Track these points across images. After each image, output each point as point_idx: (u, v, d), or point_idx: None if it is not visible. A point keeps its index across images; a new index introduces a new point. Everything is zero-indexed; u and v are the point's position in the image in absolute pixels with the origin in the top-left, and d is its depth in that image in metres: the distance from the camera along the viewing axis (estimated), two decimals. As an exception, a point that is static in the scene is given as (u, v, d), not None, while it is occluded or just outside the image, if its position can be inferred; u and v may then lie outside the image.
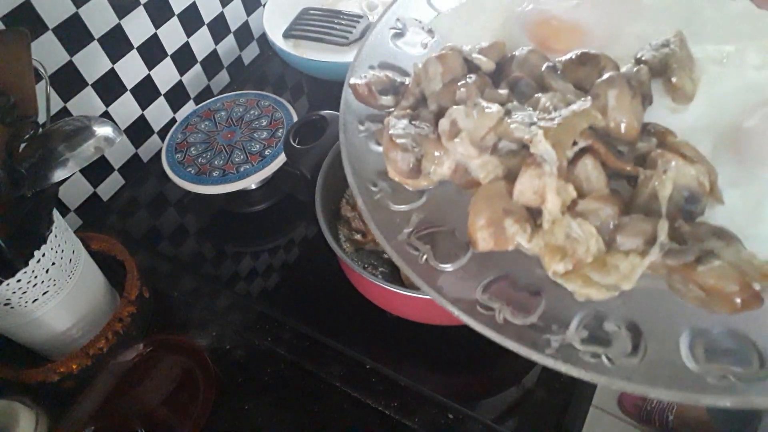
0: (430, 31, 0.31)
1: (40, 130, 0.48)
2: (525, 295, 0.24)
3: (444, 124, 0.25)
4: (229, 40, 0.88)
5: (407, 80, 0.29)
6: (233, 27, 0.87)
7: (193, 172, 0.69)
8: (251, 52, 0.93)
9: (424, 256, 0.25)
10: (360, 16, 0.85)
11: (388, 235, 0.26)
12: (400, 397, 0.54)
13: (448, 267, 0.24)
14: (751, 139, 0.22)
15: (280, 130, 0.72)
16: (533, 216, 0.23)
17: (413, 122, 0.26)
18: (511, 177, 0.23)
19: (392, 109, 0.28)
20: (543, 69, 0.25)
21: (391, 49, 0.31)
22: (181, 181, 0.69)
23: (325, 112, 0.63)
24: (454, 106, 0.24)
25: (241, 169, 0.68)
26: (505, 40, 0.29)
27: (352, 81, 0.29)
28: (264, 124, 0.73)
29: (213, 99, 0.78)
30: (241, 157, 0.70)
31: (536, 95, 0.25)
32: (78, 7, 0.63)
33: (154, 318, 0.61)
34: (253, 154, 0.70)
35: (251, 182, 0.68)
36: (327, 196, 0.58)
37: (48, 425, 0.49)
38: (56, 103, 0.64)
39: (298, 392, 0.56)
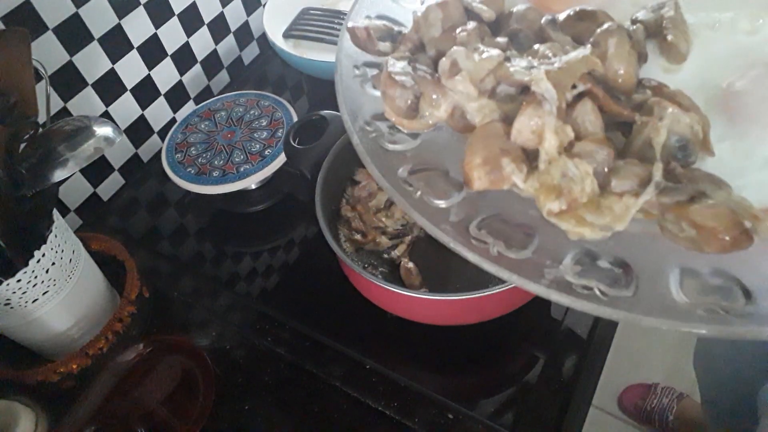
0: None
1: (40, 130, 0.48)
2: (519, 233, 0.24)
3: (444, 63, 0.25)
4: (229, 40, 0.88)
5: (404, 29, 0.29)
6: (233, 27, 0.87)
7: (193, 172, 0.69)
8: (251, 52, 0.93)
9: (419, 192, 0.25)
10: (360, 16, 0.85)
11: (384, 172, 0.26)
12: (400, 397, 0.54)
13: (442, 203, 0.25)
14: (740, 98, 0.24)
15: (280, 130, 0.72)
16: (529, 158, 0.23)
17: (412, 65, 0.26)
18: (508, 121, 0.24)
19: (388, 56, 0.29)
20: (542, 21, 0.26)
21: (388, 4, 0.31)
22: (181, 181, 0.69)
23: (325, 112, 0.63)
24: (455, 47, 0.25)
25: (241, 169, 0.68)
26: None
27: (351, 24, 0.29)
28: (264, 124, 0.73)
29: (213, 99, 0.78)
30: (241, 157, 0.70)
31: (535, 46, 0.25)
32: (78, 7, 0.63)
33: (154, 318, 0.61)
34: (253, 154, 0.70)
35: (251, 182, 0.68)
36: (327, 196, 0.58)
37: (48, 425, 0.49)
38: (56, 103, 0.64)
39: (298, 392, 0.56)
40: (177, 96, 0.81)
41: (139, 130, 0.77)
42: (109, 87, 0.70)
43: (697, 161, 0.23)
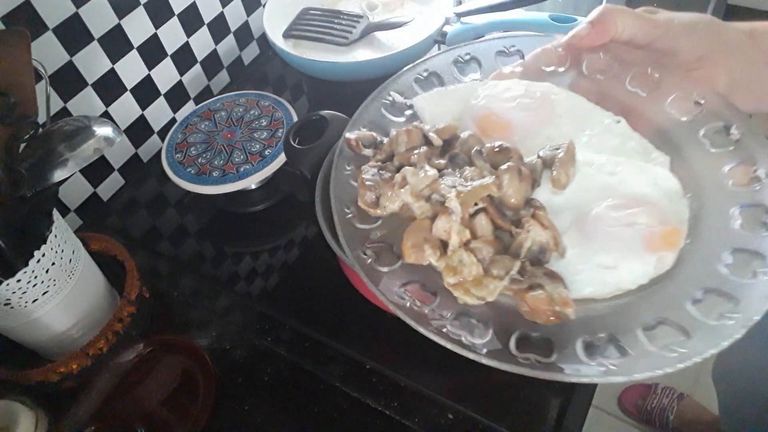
0: (411, 106, 0.43)
1: (40, 130, 0.48)
2: (428, 294, 0.35)
3: (398, 177, 0.36)
4: (229, 40, 0.88)
5: (385, 140, 0.40)
6: (233, 27, 0.87)
7: (193, 172, 0.69)
8: (251, 52, 0.93)
9: (369, 260, 0.35)
10: (360, 16, 0.85)
11: (351, 245, 0.37)
12: (400, 397, 0.54)
13: (384, 269, 0.35)
14: (592, 221, 0.34)
15: (280, 130, 0.72)
16: (443, 246, 0.34)
17: (380, 171, 0.37)
18: (435, 218, 0.35)
19: (370, 158, 0.40)
20: (472, 152, 0.37)
21: (381, 113, 0.43)
22: (181, 181, 0.69)
23: (325, 112, 0.63)
24: (407, 167, 0.36)
25: (241, 169, 0.68)
26: (458, 122, 0.40)
27: (347, 135, 0.41)
28: (264, 124, 0.73)
29: (213, 99, 0.78)
30: (241, 157, 0.70)
31: (465, 167, 0.36)
32: (78, 7, 0.63)
33: (154, 318, 0.61)
34: (253, 154, 0.70)
35: (251, 182, 0.68)
36: (327, 196, 0.57)
37: (48, 425, 0.49)
38: (56, 103, 0.64)
39: (298, 392, 0.56)
40: (177, 96, 0.81)
41: (139, 130, 0.77)
42: (109, 87, 0.70)
43: (552, 261, 0.34)
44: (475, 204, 0.33)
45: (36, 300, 0.50)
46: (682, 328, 0.29)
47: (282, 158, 0.69)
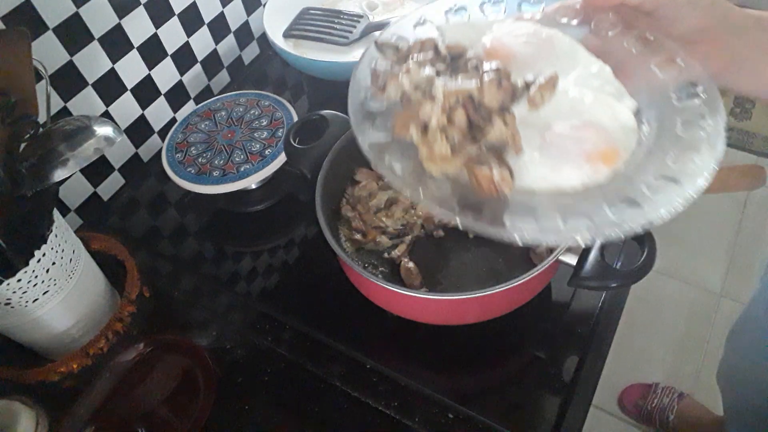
0: (438, 28, 0.49)
1: (41, 129, 0.48)
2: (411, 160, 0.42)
3: (403, 69, 0.43)
4: (229, 40, 0.88)
5: (406, 46, 0.47)
6: (233, 27, 0.87)
7: (193, 171, 0.69)
8: (251, 52, 0.93)
9: (368, 127, 0.43)
10: (360, 16, 0.85)
11: (356, 119, 0.44)
12: (400, 397, 0.54)
13: (380, 137, 0.43)
14: (551, 133, 0.41)
15: (280, 130, 0.72)
16: (425, 129, 0.41)
17: (391, 67, 0.45)
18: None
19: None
20: (469, 63, 0.44)
21: (409, 30, 0.49)
22: (181, 181, 0.69)
23: (325, 112, 0.63)
24: (411, 63, 0.43)
25: (241, 169, 0.68)
26: (470, 45, 0.47)
27: (377, 39, 0.48)
28: (264, 123, 0.73)
29: (213, 99, 0.78)
30: (242, 156, 0.70)
31: (460, 74, 0.42)
32: (78, 6, 0.63)
33: (154, 318, 0.61)
34: (254, 153, 0.70)
35: (251, 182, 0.68)
36: (327, 196, 0.58)
37: (48, 425, 0.49)
38: (56, 103, 0.64)
39: (298, 392, 0.56)
40: (177, 96, 0.81)
41: (139, 130, 0.77)
42: (110, 87, 0.70)
43: (511, 158, 0.40)
44: (458, 99, 0.40)
45: (36, 300, 0.50)
46: (593, 219, 0.37)
47: (282, 158, 0.69)
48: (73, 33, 0.63)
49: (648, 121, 0.43)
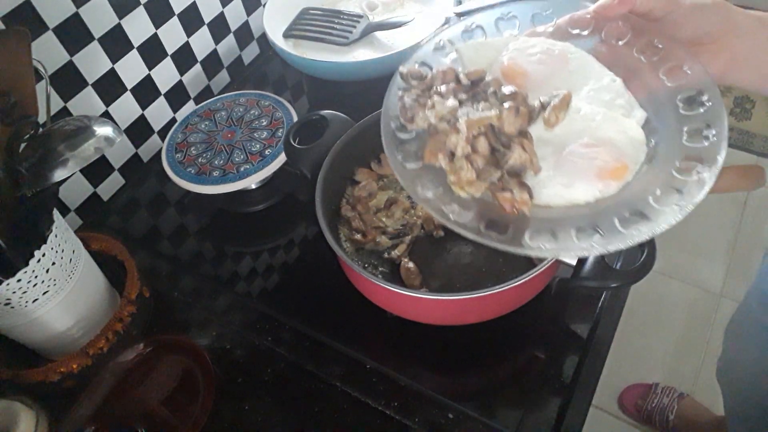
0: (457, 50, 0.51)
1: (41, 130, 0.48)
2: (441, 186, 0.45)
3: (429, 103, 0.46)
4: (229, 40, 0.88)
5: (429, 75, 0.49)
6: (233, 27, 0.87)
7: (193, 171, 0.69)
8: (251, 52, 0.93)
9: (400, 156, 0.46)
10: (360, 16, 0.85)
11: (389, 146, 0.46)
12: (400, 397, 0.54)
13: (412, 165, 0.46)
14: (565, 153, 0.43)
15: (280, 130, 0.72)
16: (452, 155, 0.44)
17: (419, 98, 0.47)
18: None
19: (415, 87, 0.50)
20: (488, 92, 0.46)
21: (431, 54, 0.52)
22: (181, 181, 0.69)
23: (325, 112, 0.63)
24: (437, 97, 0.46)
25: (241, 169, 0.68)
26: (489, 68, 0.49)
27: (401, 69, 0.50)
28: (264, 123, 0.73)
29: (213, 99, 0.78)
30: (241, 156, 0.70)
31: (481, 102, 0.45)
32: (78, 6, 0.63)
33: (154, 318, 0.62)
34: (253, 153, 0.70)
35: (251, 182, 0.68)
36: (327, 196, 0.58)
37: (48, 425, 0.50)
38: (56, 103, 0.64)
39: (298, 392, 0.56)
40: (177, 96, 0.81)
41: (139, 130, 0.77)
42: (109, 87, 0.70)
43: (529, 178, 0.43)
44: (480, 129, 0.43)
45: (36, 300, 0.50)
46: (602, 231, 0.40)
47: (282, 158, 0.69)
48: (73, 33, 0.63)
49: (656, 130, 0.45)
